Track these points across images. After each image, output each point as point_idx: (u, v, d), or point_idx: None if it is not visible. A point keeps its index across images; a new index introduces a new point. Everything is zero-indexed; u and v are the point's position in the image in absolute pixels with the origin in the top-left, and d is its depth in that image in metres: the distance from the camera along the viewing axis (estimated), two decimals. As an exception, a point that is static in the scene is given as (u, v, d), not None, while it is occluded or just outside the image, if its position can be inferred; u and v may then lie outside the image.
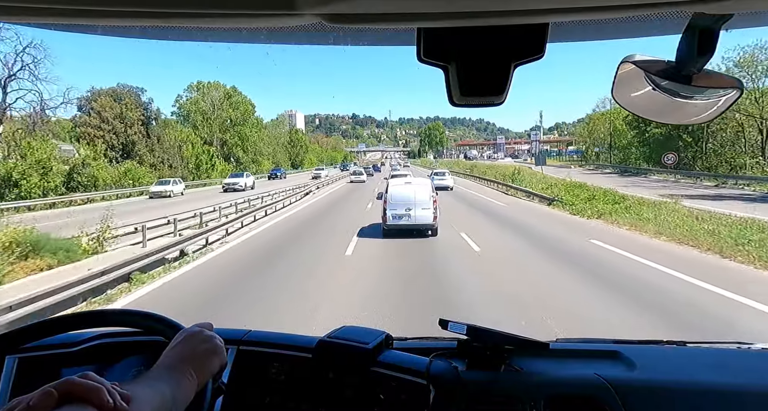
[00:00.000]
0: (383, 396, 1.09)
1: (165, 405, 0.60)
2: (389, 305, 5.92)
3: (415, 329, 1.65)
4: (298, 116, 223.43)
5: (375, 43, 0.65)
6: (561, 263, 8.47)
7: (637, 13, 0.48)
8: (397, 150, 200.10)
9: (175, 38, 0.68)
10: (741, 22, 0.56)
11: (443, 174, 29.36)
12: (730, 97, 0.60)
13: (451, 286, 7.09)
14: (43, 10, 0.43)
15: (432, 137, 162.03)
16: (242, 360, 1.18)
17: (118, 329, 1.17)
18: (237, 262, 9.21)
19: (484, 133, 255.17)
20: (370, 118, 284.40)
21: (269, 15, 0.45)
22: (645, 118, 0.72)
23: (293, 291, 6.85)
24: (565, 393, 1.09)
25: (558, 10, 0.45)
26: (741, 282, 6.93)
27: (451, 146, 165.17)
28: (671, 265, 7.87)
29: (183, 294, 6.87)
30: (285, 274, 7.87)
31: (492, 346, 1.18)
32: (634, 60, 0.60)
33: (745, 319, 5.34)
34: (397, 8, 0.44)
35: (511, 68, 0.56)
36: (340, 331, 1.21)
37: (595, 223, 13.78)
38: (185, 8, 0.43)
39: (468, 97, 0.59)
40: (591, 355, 1.28)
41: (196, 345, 0.75)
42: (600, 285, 6.96)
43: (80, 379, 0.51)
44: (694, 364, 1.28)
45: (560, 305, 5.91)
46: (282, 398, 1.15)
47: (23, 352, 1.16)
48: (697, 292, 6.45)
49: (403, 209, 10.95)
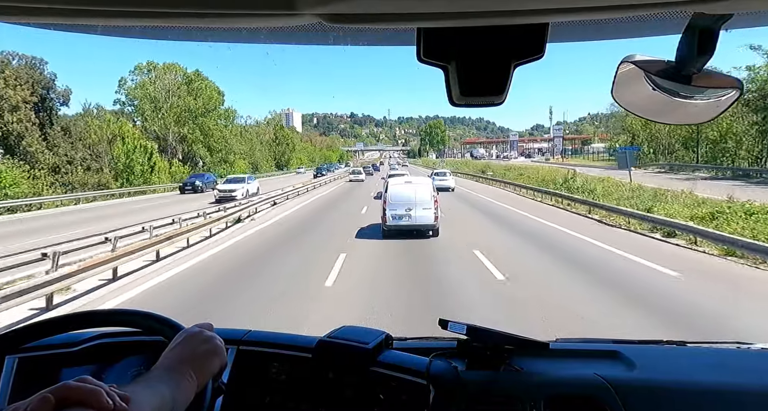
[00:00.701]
0: (383, 396, 1.09)
1: (165, 406, 0.60)
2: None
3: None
4: (295, 115, 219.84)
5: (375, 43, 0.65)
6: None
7: (637, 13, 0.48)
8: (396, 149, 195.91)
9: (175, 38, 0.68)
10: (741, 22, 0.56)
11: (444, 174, 28.63)
12: (730, 96, 0.60)
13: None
14: (43, 10, 0.43)
15: (433, 136, 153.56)
16: (242, 360, 1.18)
17: (118, 329, 1.17)
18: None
19: (485, 132, 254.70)
20: (369, 117, 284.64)
21: (269, 15, 0.45)
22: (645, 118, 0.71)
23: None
24: (565, 393, 1.09)
25: (558, 10, 0.45)
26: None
27: (453, 145, 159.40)
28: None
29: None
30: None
31: (492, 346, 1.18)
32: (634, 60, 0.60)
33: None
34: (397, 8, 0.44)
35: (511, 68, 0.56)
36: (340, 331, 1.21)
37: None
38: (185, 8, 0.43)
39: (468, 97, 0.59)
40: (591, 355, 1.28)
41: (196, 346, 0.74)
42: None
43: (77, 383, 0.51)
44: (694, 364, 1.28)
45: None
46: (282, 398, 1.15)
47: (23, 352, 1.16)
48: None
49: (404, 209, 10.62)
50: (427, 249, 10.06)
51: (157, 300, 6.62)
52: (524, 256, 9.53)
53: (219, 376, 0.79)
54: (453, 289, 6.99)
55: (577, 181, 23.00)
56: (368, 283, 7.40)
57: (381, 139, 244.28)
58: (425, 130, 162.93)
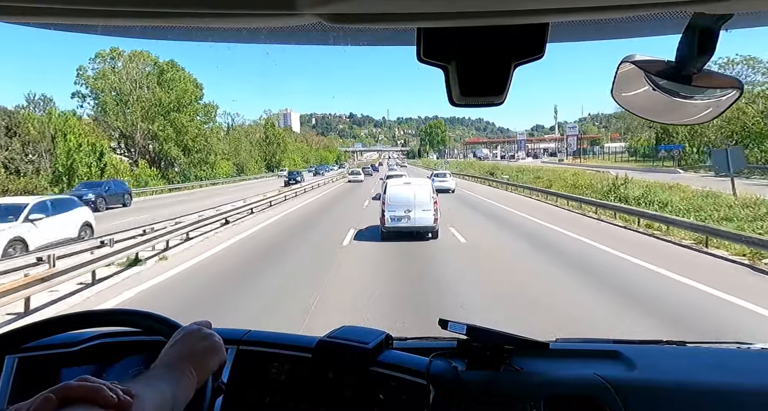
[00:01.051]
0: (383, 396, 1.09)
1: (165, 403, 0.60)
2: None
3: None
4: (293, 115, 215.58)
5: (375, 43, 0.65)
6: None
7: (637, 13, 0.48)
8: (395, 149, 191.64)
9: (175, 38, 0.68)
10: (741, 22, 0.56)
11: (444, 175, 27.99)
12: (730, 97, 0.60)
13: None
14: (43, 10, 0.43)
15: (433, 136, 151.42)
16: (242, 360, 1.18)
17: (118, 329, 1.17)
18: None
19: (484, 132, 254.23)
20: (368, 118, 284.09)
21: (269, 15, 0.45)
22: (645, 118, 0.72)
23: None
24: (565, 393, 1.09)
25: (558, 10, 0.45)
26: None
27: (454, 145, 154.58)
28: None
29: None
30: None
31: (492, 346, 1.18)
32: (634, 60, 0.60)
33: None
34: (397, 8, 0.44)
35: (511, 68, 0.56)
36: (340, 331, 1.21)
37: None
38: (185, 8, 0.43)
39: (468, 97, 0.59)
40: (591, 355, 1.28)
41: (195, 343, 0.74)
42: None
43: (78, 382, 0.51)
44: (694, 364, 1.28)
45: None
46: (282, 398, 1.15)
47: (23, 352, 1.16)
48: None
49: (402, 211, 10.39)
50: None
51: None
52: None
53: (219, 375, 0.79)
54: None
55: (633, 188, 17.27)
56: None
57: (380, 140, 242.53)
58: (425, 130, 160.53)
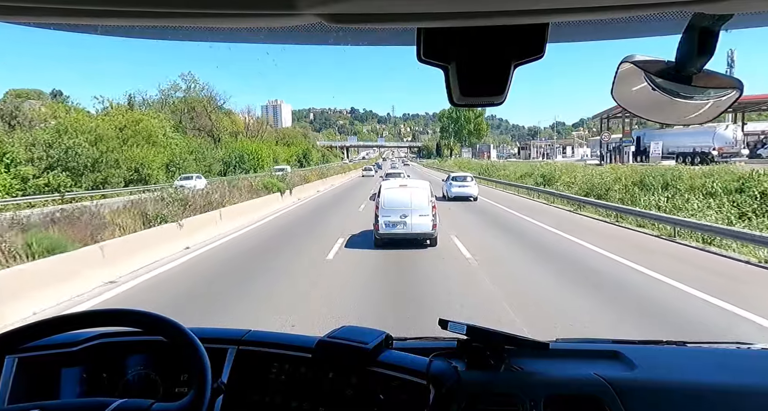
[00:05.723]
0: (383, 396, 1.09)
1: None
2: None
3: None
4: (284, 107, 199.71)
5: (375, 43, 0.65)
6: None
7: (637, 13, 0.48)
8: (400, 145, 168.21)
9: (175, 38, 0.68)
10: (741, 22, 0.56)
11: (464, 179, 22.30)
12: (730, 97, 0.60)
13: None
14: (43, 10, 0.43)
15: (462, 124, 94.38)
16: (242, 360, 1.18)
17: (118, 329, 1.17)
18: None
19: (498, 130, 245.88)
20: (371, 113, 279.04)
21: (269, 15, 0.45)
22: (645, 118, 0.71)
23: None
24: (564, 393, 1.09)
25: (558, 10, 0.45)
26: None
27: (494, 140, 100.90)
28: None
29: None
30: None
31: (492, 346, 1.18)
32: (634, 60, 0.60)
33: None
34: (397, 8, 0.44)
35: (511, 68, 0.56)
36: (340, 331, 1.21)
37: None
38: (185, 8, 0.43)
39: (468, 97, 0.59)
40: (591, 355, 1.28)
41: None
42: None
43: None
44: (694, 364, 1.28)
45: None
46: (282, 398, 1.14)
47: (23, 352, 1.16)
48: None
49: (398, 216, 9.45)
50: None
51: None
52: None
53: (219, 375, 0.79)
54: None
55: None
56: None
57: (384, 136, 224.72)
58: (447, 115, 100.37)
